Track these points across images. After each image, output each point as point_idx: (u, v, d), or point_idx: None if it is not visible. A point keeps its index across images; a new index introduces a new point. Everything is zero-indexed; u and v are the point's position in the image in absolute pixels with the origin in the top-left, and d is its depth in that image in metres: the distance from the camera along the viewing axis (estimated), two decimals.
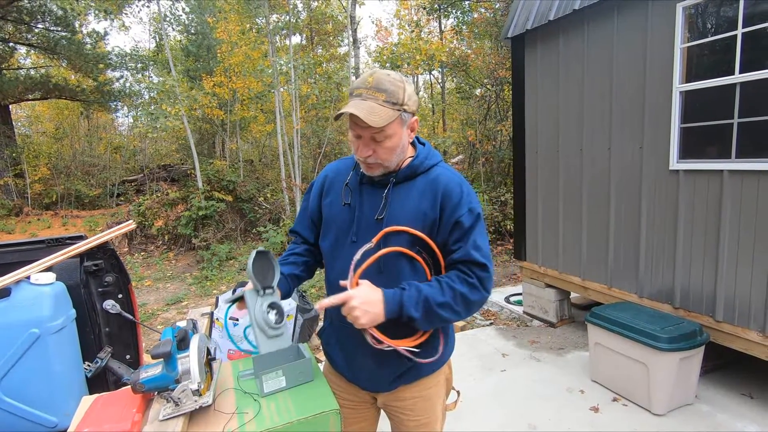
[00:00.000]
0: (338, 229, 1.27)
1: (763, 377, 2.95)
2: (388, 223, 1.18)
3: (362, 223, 1.22)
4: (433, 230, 1.18)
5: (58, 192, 11.07)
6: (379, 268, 1.18)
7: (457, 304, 1.13)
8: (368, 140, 1.14)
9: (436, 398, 1.35)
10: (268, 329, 1.14)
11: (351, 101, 1.13)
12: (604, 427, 2.56)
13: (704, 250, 2.83)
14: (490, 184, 9.26)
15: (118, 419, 1.13)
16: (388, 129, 1.12)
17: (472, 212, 1.18)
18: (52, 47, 10.10)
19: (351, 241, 1.22)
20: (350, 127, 1.16)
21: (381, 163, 1.18)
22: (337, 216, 1.28)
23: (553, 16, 3.64)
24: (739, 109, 2.61)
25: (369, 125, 1.08)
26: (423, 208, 1.18)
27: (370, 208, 1.22)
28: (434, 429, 1.36)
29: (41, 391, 1.45)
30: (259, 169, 12.43)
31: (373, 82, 1.12)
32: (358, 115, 1.07)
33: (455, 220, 1.17)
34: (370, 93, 1.11)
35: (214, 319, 2.05)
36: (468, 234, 1.17)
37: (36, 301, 1.45)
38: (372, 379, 1.29)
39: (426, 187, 1.20)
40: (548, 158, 4.03)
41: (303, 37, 15.28)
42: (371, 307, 1.09)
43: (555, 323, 4.13)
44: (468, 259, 1.16)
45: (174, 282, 6.90)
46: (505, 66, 8.56)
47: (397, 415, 1.34)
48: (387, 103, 1.10)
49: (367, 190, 1.25)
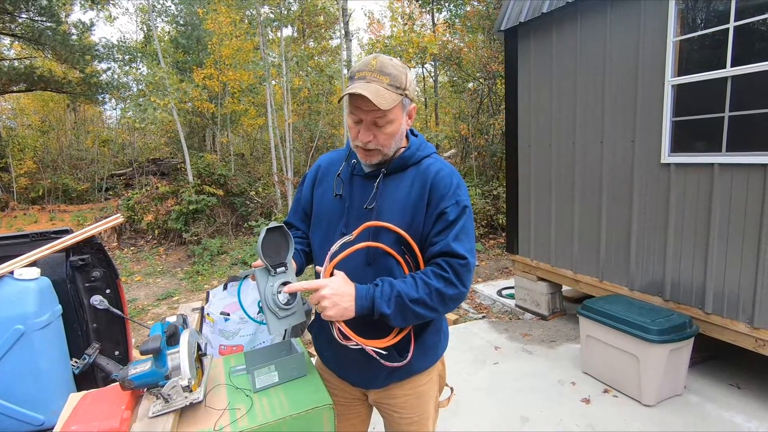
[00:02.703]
0: (329, 220, 1.26)
1: (750, 368, 3.00)
2: (378, 212, 1.17)
3: (352, 213, 1.21)
4: (419, 220, 1.16)
5: (45, 186, 10.88)
6: (367, 260, 1.16)
7: (432, 300, 1.09)
8: (369, 125, 1.12)
9: (428, 396, 1.32)
10: (279, 310, 1.10)
11: (354, 83, 1.08)
12: (595, 418, 2.58)
13: (694, 243, 2.86)
14: (482, 178, 9.28)
15: (106, 416, 1.10)
16: (390, 113, 1.11)
17: (458, 205, 1.15)
18: (37, 38, 9.88)
19: (341, 232, 1.20)
20: (351, 111, 1.12)
21: (380, 149, 1.15)
22: (328, 207, 1.27)
23: (546, 9, 3.62)
24: (730, 103, 2.62)
25: (373, 108, 1.06)
26: (412, 199, 1.16)
27: (361, 198, 1.21)
28: (426, 427, 1.33)
29: (27, 388, 1.42)
30: (250, 163, 12.32)
31: (377, 65, 1.09)
32: (368, 96, 1.03)
33: (440, 212, 1.14)
34: (374, 76, 1.08)
35: (205, 314, 2.02)
36: (451, 227, 1.13)
37: (20, 297, 1.42)
38: (362, 376, 1.27)
39: (416, 177, 1.19)
40: (541, 152, 4.04)
41: (294, 30, 15.11)
42: (341, 300, 1.05)
43: (547, 316, 4.16)
44: (447, 251, 1.11)
45: (165, 277, 6.83)
46: (498, 59, 8.54)
47: (389, 413, 1.33)
48: (391, 86, 1.08)
49: (358, 182, 1.23)
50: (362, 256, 1.16)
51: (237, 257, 7.25)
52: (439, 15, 12.30)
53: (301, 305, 1.16)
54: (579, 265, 3.74)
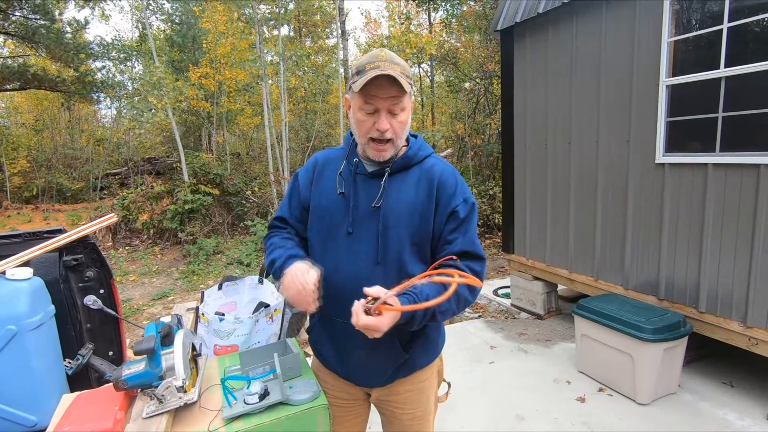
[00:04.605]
0: (330, 219, 1.22)
1: (743, 366, 3.02)
2: (385, 211, 1.16)
3: (358, 213, 1.19)
4: (429, 220, 1.17)
5: (39, 185, 10.80)
6: (376, 259, 1.16)
7: (458, 307, 1.14)
8: (386, 113, 1.12)
9: (429, 391, 1.34)
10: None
11: (369, 72, 1.07)
12: (590, 416, 2.60)
13: (688, 242, 2.87)
14: (479, 177, 9.29)
15: (99, 417, 1.09)
16: (404, 100, 1.13)
17: (467, 202, 1.19)
18: (31, 36, 9.78)
19: (347, 232, 1.19)
20: (366, 101, 1.11)
21: (394, 139, 1.16)
22: (330, 206, 1.22)
23: (542, 9, 3.63)
24: (724, 103, 2.64)
25: (393, 94, 1.08)
26: (420, 198, 1.18)
27: (366, 197, 1.19)
28: (427, 421, 1.35)
29: (19, 389, 1.41)
30: (246, 162, 12.28)
31: (387, 56, 1.11)
32: (395, 77, 1.05)
33: (451, 211, 1.17)
34: (387, 65, 1.08)
35: (200, 314, 2.01)
36: (463, 224, 1.17)
37: (12, 297, 1.40)
38: (367, 374, 1.27)
39: (421, 177, 1.20)
40: (536, 152, 4.05)
41: (291, 29, 15.07)
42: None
43: (543, 315, 4.17)
44: (468, 251, 1.16)
45: (160, 277, 6.79)
46: (495, 59, 8.56)
47: (391, 409, 1.33)
48: (403, 75, 1.10)
49: (361, 181, 1.21)
50: (371, 255, 1.16)
51: (233, 257, 7.22)
52: (435, 14, 12.31)
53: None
54: (574, 264, 3.76)
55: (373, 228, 1.17)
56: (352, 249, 1.18)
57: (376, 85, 1.07)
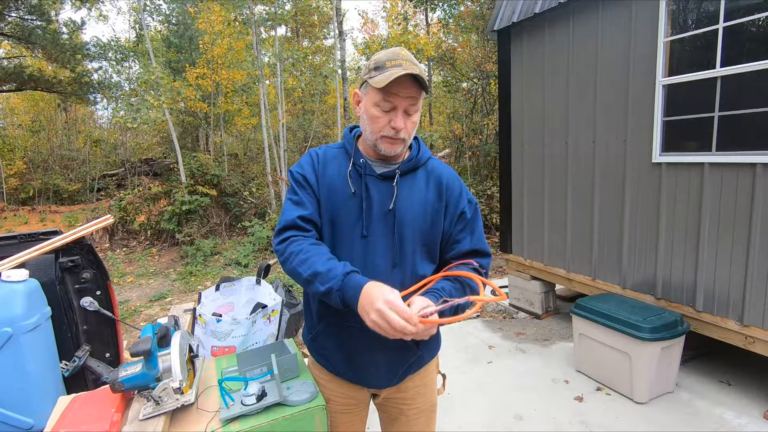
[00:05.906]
0: (343, 220, 1.16)
1: (740, 365, 3.04)
2: (399, 213, 1.17)
3: (372, 215, 1.16)
4: (439, 220, 1.20)
5: (35, 187, 10.75)
6: (393, 261, 1.16)
7: (469, 304, 1.13)
8: (402, 112, 1.12)
9: (433, 384, 1.38)
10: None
11: (391, 69, 1.06)
12: (588, 416, 2.60)
13: (685, 241, 2.88)
14: (476, 177, 9.31)
15: (96, 419, 1.09)
16: (419, 101, 1.14)
17: (471, 203, 1.25)
18: (27, 36, 9.75)
19: (361, 235, 1.15)
20: (384, 98, 1.09)
21: (406, 139, 1.16)
22: (341, 205, 1.16)
23: (539, 9, 3.64)
24: (720, 103, 2.65)
25: (412, 94, 1.09)
26: (431, 199, 1.20)
27: (379, 199, 1.17)
28: (432, 414, 1.37)
29: (15, 392, 1.40)
30: (244, 163, 12.25)
31: (407, 55, 1.11)
32: (420, 78, 1.06)
33: (460, 212, 1.21)
34: (409, 65, 1.07)
35: (197, 315, 2.01)
36: (471, 224, 1.23)
37: (8, 299, 1.39)
38: (380, 375, 1.24)
39: (429, 178, 1.22)
40: (534, 152, 4.06)
41: (288, 29, 15.06)
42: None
43: (540, 315, 4.18)
44: (477, 249, 1.22)
45: (157, 278, 6.77)
46: (492, 60, 8.57)
47: (398, 407, 1.32)
48: (422, 76, 1.10)
49: (371, 181, 1.17)
50: (388, 259, 1.15)
51: (230, 257, 7.21)
52: (432, 14, 12.32)
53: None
54: (572, 264, 3.76)
55: (387, 230, 1.16)
56: (368, 252, 1.15)
57: (398, 83, 1.06)
